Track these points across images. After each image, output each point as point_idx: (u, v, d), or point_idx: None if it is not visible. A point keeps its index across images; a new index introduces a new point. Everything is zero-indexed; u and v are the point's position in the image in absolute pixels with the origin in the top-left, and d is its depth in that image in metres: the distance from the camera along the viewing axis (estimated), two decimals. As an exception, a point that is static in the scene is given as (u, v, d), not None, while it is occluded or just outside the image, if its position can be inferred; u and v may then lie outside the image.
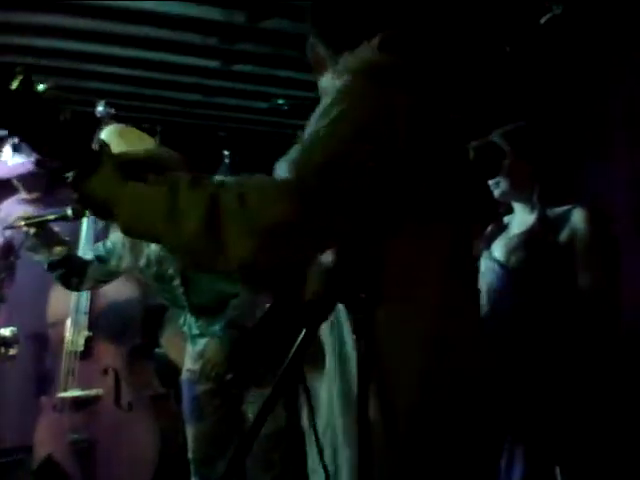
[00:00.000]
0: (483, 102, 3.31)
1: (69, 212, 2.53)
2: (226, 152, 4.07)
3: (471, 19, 2.99)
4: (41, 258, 2.61)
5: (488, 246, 2.29)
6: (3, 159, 3.54)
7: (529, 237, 2.20)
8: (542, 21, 2.85)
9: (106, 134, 2.54)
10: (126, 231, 1.13)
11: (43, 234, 2.56)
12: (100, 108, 2.96)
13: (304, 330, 1.07)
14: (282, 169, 1.09)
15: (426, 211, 1.16)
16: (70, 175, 1.11)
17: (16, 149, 3.49)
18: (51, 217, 2.52)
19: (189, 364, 2.67)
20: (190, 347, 2.68)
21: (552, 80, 3.34)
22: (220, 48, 3.54)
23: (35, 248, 2.58)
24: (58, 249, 2.59)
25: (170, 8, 3.11)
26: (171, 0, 3.04)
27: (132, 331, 3.18)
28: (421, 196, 1.14)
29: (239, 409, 2.56)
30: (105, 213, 1.14)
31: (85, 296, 3.16)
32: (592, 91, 3.40)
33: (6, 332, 2.98)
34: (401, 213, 1.13)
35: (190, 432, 2.66)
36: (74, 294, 3.12)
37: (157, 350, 3.65)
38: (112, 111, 2.98)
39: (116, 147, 2.48)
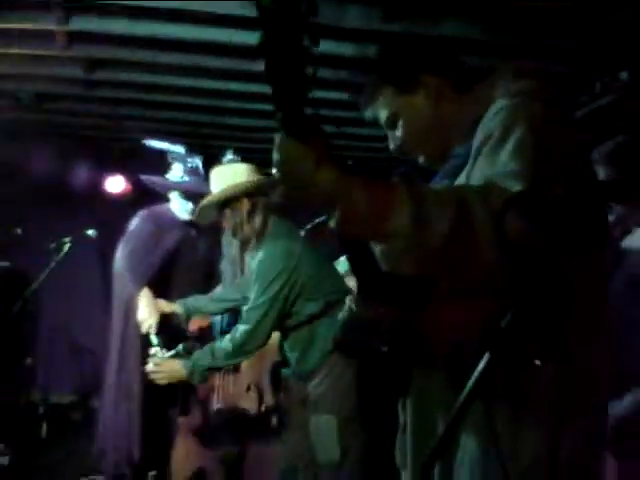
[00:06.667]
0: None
1: None
2: None
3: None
4: None
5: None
6: (169, 175, 3.46)
7: None
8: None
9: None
10: (345, 229, 1.04)
11: None
12: (230, 157, 2.91)
13: (488, 355, 1.09)
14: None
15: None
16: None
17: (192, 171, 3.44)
18: None
19: None
20: None
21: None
22: (350, 81, 3.70)
23: None
24: None
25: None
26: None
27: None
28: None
29: None
30: (314, 198, 1.06)
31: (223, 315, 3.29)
32: None
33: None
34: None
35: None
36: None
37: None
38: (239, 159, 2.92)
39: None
